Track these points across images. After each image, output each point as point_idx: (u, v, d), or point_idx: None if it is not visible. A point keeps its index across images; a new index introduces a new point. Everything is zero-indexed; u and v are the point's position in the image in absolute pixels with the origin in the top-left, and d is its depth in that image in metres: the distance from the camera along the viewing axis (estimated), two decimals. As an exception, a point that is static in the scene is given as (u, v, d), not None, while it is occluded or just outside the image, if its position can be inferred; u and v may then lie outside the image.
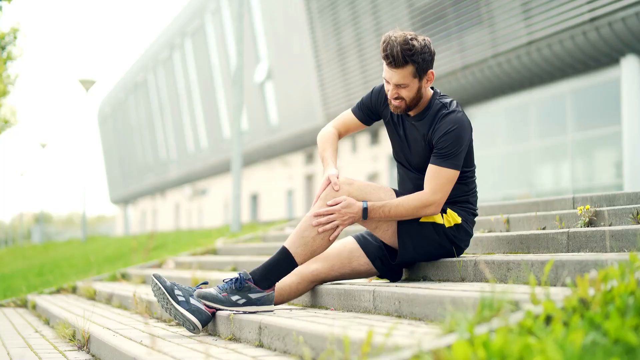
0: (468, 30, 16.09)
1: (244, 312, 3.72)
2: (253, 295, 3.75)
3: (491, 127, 17.64)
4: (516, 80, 15.98)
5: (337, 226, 3.77)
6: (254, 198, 33.99)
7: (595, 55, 13.95)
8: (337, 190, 3.79)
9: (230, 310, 3.75)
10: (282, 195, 30.70)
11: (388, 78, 3.80)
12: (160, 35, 40.67)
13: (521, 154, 17.30)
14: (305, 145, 27.31)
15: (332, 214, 3.76)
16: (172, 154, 40.20)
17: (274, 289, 3.81)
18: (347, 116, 4.17)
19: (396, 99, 3.82)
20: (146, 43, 45.83)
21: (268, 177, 31.97)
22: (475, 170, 4.02)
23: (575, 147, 15.71)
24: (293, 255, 3.78)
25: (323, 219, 3.76)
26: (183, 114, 37.76)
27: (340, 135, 4.16)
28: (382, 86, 4.03)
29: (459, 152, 3.77)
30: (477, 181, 4.05)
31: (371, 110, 4.08)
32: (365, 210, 3.77)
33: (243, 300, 3.74)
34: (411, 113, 3.94)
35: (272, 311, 3.79)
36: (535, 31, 14.24)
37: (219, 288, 3.77)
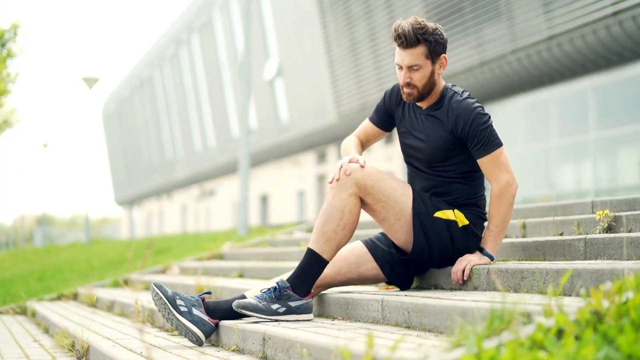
0: (486, 24, 16.06)
1: (286, 321, 3.79)
2: (293, 304, 3.82)
3: (510, 126, 17.60)
4: (536, 76, 15.94)
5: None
6: (264, 199, 34.04)
7: (618, 51, 13.90)
8: (349, 175, 3.84)
9: (271, 319, 3.79)
10: (292, 196, 30.72)
11: (400, 62, 3.88)
12: (166, 30, 40.77)
13: (541, 153, 17.25)
14: (316, 144, 27.32)
15: (464, 267, 3.82)
16: (179, 154, 40.30)
17: (312, 296, 3.90)
18: (365, 124, 4.27)
19: (408, 85, 3.88)
20: (152, 39, 46.01)
21: (278, 178, 32.00)
22: (483, 174, 4.02)
23: (598, 146, 15.66)
24: (319, 253, 3.83)
25: (460, 274, 3.82)
26: (190, 112, 37.85)
27: (361, 143, 4.24)
28: (393, 87, 4.13)
29: (491, 131, 3.85)
30: (487, 184, 4.07)
31: (386, 113, 4.17)
32: (486, 252, 3.86)
33: (283, 309, 3.81)
34: (423, 105, 4.01)
35: (311, 320, 3.86)
36: (556, 25, 14.20)
37: (258, 298, 3.83)
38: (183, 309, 3.91)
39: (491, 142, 3.84)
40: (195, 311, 3.92)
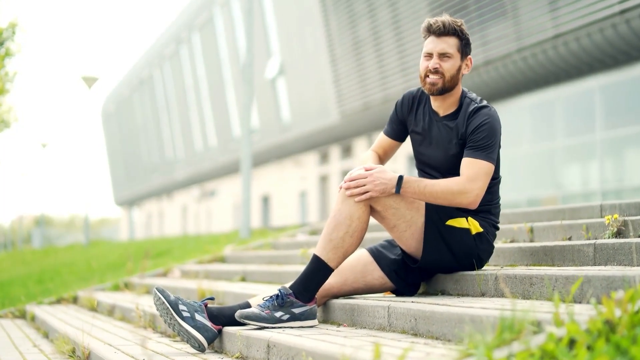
0: (491, 22, 16.03)
1: (290, 327, 3.78)
2: (296, 310, 3.82)
3: (515, 126, 17.58)
4: (542, 75, 15.92)
5: (367, 191, 3.79)
6: (265, 200, 34.02)
7: (625, 49, 13.88)
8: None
9: (275, 327, 3.78)
10: (294, 197, 30.70)
11: (431, 49, 3.93)
12: (166, 28, 40.76)
13: (547, 153, 17.23)
14: (318, 144, 27.30)
15: (365, 178, 3.80)
16: (179, 154, 40.28)
17: (315, 302, 3.88)
18: (380, 138, 4.29)
19: (435, 71, 3.90)
20: (152, 37, 45.99)
21: (280, 178, 31.98)
22: (500, 182, 4.02)
23: (605, 146, 15.63)
24: (325, 260, 3.82)
25: (353, 183, 3.80)
26: (191, 111, 37.83)
27: (380, 158, 4.26)
28: (403, 97, 4.15)
29: (492, 145, 3.83)
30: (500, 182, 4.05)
31: (399, 123, 4.19)
32: (400, 180, 3.79)
33: (287, 316, 3.81)
34: (440, 111, 4.01)
35: (315, 326, 3.86)
36: (562, 24, 14.18)
37: (261, 307, 3.82)
38: (185, 314, 3.90)
39: (483, 151, 3.82)
40: (198, 317, 3.91)
